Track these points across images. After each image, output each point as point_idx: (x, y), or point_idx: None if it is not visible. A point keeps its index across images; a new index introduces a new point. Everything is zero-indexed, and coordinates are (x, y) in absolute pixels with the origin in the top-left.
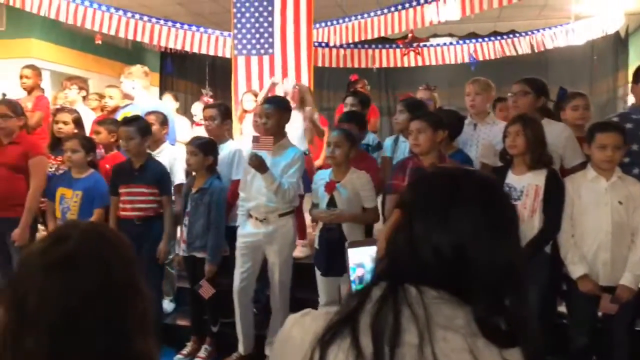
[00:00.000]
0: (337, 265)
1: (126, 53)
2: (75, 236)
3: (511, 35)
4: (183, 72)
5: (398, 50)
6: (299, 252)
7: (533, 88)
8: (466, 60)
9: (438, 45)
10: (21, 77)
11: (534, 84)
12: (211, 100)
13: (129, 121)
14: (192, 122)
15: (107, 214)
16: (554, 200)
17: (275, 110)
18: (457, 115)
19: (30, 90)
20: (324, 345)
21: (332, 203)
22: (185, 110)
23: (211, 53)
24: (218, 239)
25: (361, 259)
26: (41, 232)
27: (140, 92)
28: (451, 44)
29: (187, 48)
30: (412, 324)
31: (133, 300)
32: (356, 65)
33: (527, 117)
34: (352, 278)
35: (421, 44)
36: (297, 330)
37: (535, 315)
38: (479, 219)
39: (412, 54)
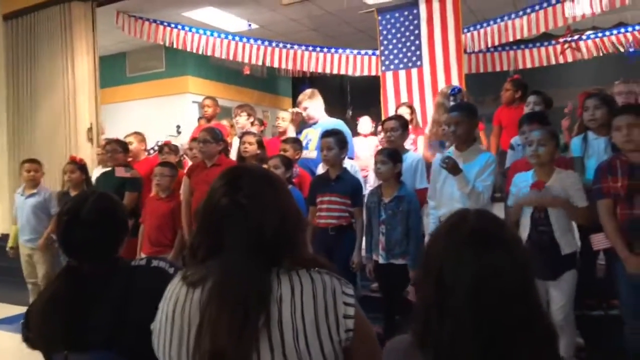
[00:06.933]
0: (546, 269)
1: (262, 81)
2: (473, 216)
3: None
4: None
5: (543, 49)
6: None
7: None
8: (620, 51)
9: (588, 37)
10: (203, 106)
11: None
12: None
13: (329, 133)
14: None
15: None
16: None
17: (464, 117)
18: None
19: (210, 118)
20: None
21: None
22: None
23: (349, 73)
24: (419, 244)
25: None
26: None
27: (322, 112)
28: (603, 34)
29: (327, 70)
30: None
31: (532, 284)
32: (497, 69)
33: None
34: None
35: (583, 36)
36: None
37: None
38: None
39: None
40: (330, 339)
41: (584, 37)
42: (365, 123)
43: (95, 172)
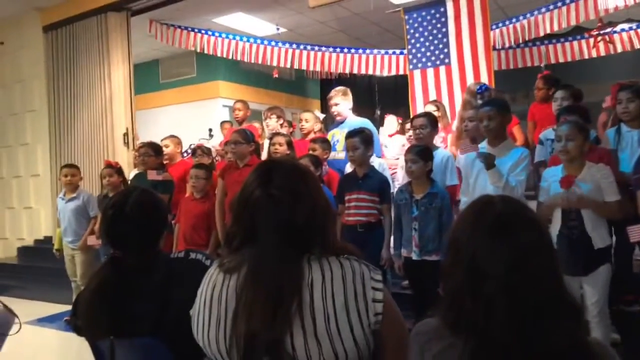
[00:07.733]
0: (578, 264)
1: (290, 84)
2: (498, 200)
3: None
4: None
5: (575, 43)
6: None
7: None
8: None
9: (623, 30)
10: (234, 109)
11: None
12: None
13: (354, 133)
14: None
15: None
16: None
17: (497, 112)
18: None
19: (241, 121)
20: None
21: None
22: None
23: (377, 73)
24: None
25: None
26: None
27: (350, 111)
28: (638, 26)
29: (355, 71)
30: None
31: (558, 261)
32: (528, 65)
33: None
34: None
35: (616, 29)
36: None
37: None
38: None
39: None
40: (360, 323)
41: (617, 29)
42: (390, 123)
43: (132, 175)
